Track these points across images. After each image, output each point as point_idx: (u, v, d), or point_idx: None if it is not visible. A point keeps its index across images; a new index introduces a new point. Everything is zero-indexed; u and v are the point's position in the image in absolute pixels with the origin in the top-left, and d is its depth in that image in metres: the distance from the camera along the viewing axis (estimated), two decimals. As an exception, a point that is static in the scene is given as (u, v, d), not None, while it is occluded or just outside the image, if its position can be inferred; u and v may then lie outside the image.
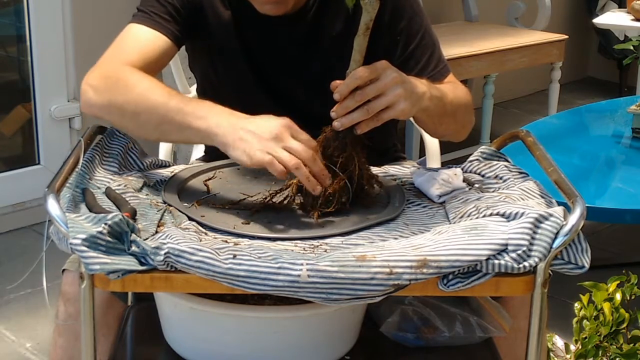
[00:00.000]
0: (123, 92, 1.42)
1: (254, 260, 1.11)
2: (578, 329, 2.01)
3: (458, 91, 1.59)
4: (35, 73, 3.23)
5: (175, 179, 1.42)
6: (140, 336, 1.42)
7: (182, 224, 1.24)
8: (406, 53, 1.63)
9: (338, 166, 1.32)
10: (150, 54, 1.54)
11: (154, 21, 1.57)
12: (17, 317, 2.64)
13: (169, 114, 1.36)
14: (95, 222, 1.12)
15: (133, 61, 1.50)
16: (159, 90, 1.40)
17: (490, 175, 1.44)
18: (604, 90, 5.21)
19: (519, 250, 1.13)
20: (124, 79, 1.44)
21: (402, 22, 1.62)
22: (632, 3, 3.90)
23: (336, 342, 1.30)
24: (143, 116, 1.39)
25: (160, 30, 1.56)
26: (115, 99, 1.43)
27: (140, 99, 1.40)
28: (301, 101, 1.63)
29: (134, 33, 1.58)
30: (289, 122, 1.30)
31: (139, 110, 1.40)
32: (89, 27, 3.29)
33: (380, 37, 1.53)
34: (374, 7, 1.29)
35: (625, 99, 3.57)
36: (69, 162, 1.31)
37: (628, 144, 2.89)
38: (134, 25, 1.59)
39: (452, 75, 1.67)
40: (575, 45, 4.90)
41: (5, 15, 3.55)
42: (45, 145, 3.31)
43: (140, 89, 1.41)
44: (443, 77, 1.64)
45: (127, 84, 1.43)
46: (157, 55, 1.55)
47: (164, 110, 1.36)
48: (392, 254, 1.13)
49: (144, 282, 1.13)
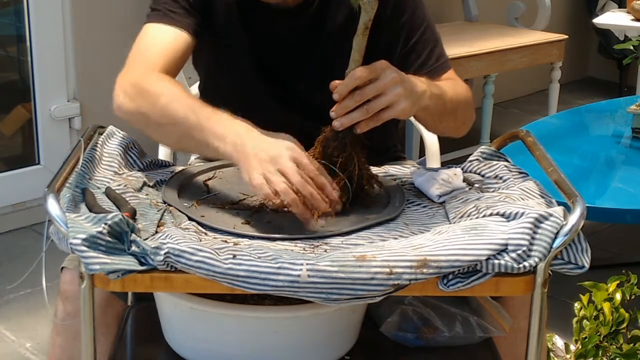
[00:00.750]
0: (148, 102, 1.43)
1: (253, 260, 1.11)
2: (578, 329, 2.01)
3: (458, 88, 1.59)
4: (35, 73, 3.23)
5: (175, 179, 1.42)
6: (140, 336, 1.42)
7: (182, 224, 1.24)
8: (407, 47, 1.63)
9: (338, 166, 1.32)
10: (173, 53, 1.56)
11: (171, 18, 1.57)
12: (17, 317, 2.64)
13: (189, 131, 1.36)
14: (95, 222, 1.12)
15: (157, 64, 1.51)
16: (182, 103, 1.39)
17: (490, 175, 1.44)
18: (604, 90, 5.21)
19: (519, 250, 1.13)
20: (148, 89, 1.44)
21: (404, 17, 1.63)
22: (632, 3, 3.89)
23: (336, 342, 1.30)
24: (165, 129, 1.41)
25: (178, 26, 1.57)
26: (140, 108, 1.44)
27: (162, 112, 1.40)
28: (302, 92, 1.63)
29: (154, 34, 1.58)
30: (292, 145, 1.29)
31: (162, 122, 1.40)
32: (89, 27, 3.29)
33: (382, 31, 1.53)
34: (373, 7, 1.29)
35: (625, 99, 3.57)
36: (69, 162, 1.31)
37: (628, 144, 2.89)
38: (151, 25, 1.59)
39: (452, 72, 1.67)
40: (575, 45, 4.90)
41: (5, 15, 3.55)
42: (45, 145, 3.30)
43: (163, 100, 1.41)
44: (443, 72, 1.64)
45: (152, 94, 1.43)
46: (180, 53, 1.57)
47: (185, 127, 1.36)
48: (392, 254, 1.13)
49: (144, 282, 1.13)
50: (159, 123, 1.41)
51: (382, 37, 1.55)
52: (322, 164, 1.32)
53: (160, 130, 1.42)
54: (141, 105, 1.43)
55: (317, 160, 1.33)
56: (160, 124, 1.40)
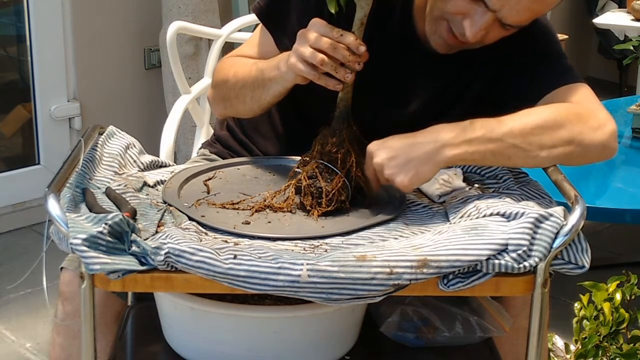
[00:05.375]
0: (221, 88, 1.58)
1: (254, 261, 1.11)
2: (578, 329, 2.01)
3: (543, 113, 1.36)
4: (35, 73, 3.23)
5: (175, 179, 1.42)
6: (140, 336, 1.42)
7: (182, 224, 1.24)
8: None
9: (337, 162, 1.32)
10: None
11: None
12: (17, 317, 2.64)
13: (255, 82, 1.48)
14: (96, 222, 1.12)
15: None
16: (242, 68, 1.53)
17: (490, 175, 1.44)
18: (604, 90, 5.20)
19: (519, 250, 1.13)
20: (216, 77, 1.60)
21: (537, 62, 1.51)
22: (632, 3, 3.89)
23: (336, 342, 1.30)
24: (242, 94, 1.52)
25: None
26: (219, 94, 1.59)
27: (232, 85, 1.54)
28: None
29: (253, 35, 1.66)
30: (315, 21, 1.34)
31: (237, 94, 1.53)
32: (89, 27, 3.29)
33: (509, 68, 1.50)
34: (368, 3, 1.30)
35: (625, 99, 3.57)
36: (69, 162, 1.31)
37: (628, 144, 2.89)
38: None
39: (571, 87, 1.46)
40: (575, 45, 4.90)
41: (5, 15, 3.55)
42: (45, 145, 3.31)
43: (230, 76, 1.54)
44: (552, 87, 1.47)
45: (220, 77, 1.58)
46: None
47: (251, 81, 1.49)
48: (392, 254, 1.13)
49: (144, 282, 1.13)
50: (236, 96, 1.53)
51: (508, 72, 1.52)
52: (322, 162, 1.32)
53: (240, 100, 1.53)
54: (219, 94, 1.59)
55: (315, 159, 1.33)
56: (237, 96, 1.53)
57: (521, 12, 1.38)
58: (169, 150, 2.11)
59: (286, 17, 1.52)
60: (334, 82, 1.33)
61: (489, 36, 1.43)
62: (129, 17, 3.41)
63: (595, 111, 1.39)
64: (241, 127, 1.70)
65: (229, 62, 1.60)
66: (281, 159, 1.55)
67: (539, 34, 1.50)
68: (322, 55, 1.30)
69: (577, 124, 1.34)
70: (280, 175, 1.47)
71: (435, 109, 1.53)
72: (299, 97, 1.49)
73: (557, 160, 1.35)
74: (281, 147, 1.63)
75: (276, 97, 1.46)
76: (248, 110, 1.54)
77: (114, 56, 3.41)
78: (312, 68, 1.32)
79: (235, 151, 1.70)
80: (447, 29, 1.44)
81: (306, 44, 1.32)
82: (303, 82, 1.37)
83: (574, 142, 1.33)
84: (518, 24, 1.40)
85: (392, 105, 1.55)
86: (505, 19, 1.38)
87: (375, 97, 1.52)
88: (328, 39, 1.30)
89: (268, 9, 1.56)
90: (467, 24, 1.39)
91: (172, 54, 2.20)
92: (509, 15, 1.37)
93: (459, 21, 1.41)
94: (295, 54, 1.34)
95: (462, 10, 1.39)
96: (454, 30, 1.43)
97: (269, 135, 1.66)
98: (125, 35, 3.42)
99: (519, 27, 1.42)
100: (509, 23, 1.39)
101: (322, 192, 1.30)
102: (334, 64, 1.31)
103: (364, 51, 1.31)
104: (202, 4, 3.27)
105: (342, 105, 1.35)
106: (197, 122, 2.32)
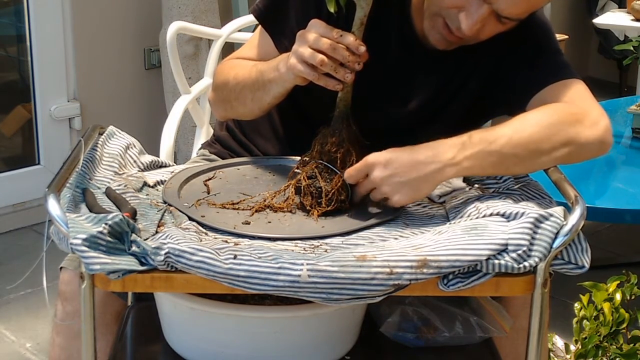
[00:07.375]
0: (222, 90, 1.58)
1: (254, 261, 1.11)
2: (578, 329, 2.01)
3: (541, 117, 1.35)
4: (35, 73, 3.23)
5: (175, 179, 1.42)
6: (140, 336, 1.42)
7: (182, 224, 1.24)
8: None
9: (336, 161, 1.32)
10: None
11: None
12: (17, 317, 2.64)
13: (255, 83, 1.48)
14: (96, 222, 1.12)
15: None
16: (242, 70, 1.53)
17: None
18: (604, 90, 5.20)
19: (519, 250, 1.13)
20: (217, 79, 1.60)
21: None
22: (632, 3, 3.89)
23: (336, 342, 1.30)
24: (242, 96, 1.52)
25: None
26: (220, 97, 1.59)
27: (233, 87, 1.54)
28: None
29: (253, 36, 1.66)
30: (313, 23, 1.34)
31: (237, 96, 1.53)
32: (89, 27, 3.29)
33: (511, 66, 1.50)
34: (368, 3, 1.30)
35: (625, 99, 3.57)
36: (69, 162, 1.31)
37: (628, 144, 2.89)
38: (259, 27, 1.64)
39: (564, 83, 1.45)
40: (575, 45, 4.90)
41: (5, 15, 3.55)
42: (45, 145, 3.31)
43: (230, 78, 1.55)
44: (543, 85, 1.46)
45: (220, 80, 1.58)
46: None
47: (251, 82, 1.49)
48: (392, 254, 1.13)
49: (144, 282, 1.13)
50: (237, 98, 1.54)
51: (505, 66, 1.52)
52: (321, 162, 1.33)
53: (240, 102, 1.53)
54: (220, 96, 1.59)
55: (315, 159, 1.33)
56: (237, 98, 1.54)
57: (517, 3, 1.38)
58: (169, 151, 2.11)
59: (285, 19, 1.52)
60: (333, 83, 1.33)
61: (486, 30, 1.43)
62: (129, 17, 3.41)
63: (589, 109, 1.39)
64: (241, 128, 1.70)
65: (229, 64, 1.60)
66: (281, 159, 1.55)
67: (536, 30, 1.51)
68: (322, 56, 1.30)
69: (573, 125, 1.34)
70: (280, 175, 1.47)
71: (434, 106, 1.54)
72: (299, 98, 1.49)
73: (557, 162, 1.35)
74: (281, 147, 1.63)
75: (276, 98, 1.46)
76: (249, 112, 1.54)
77: (114, 56, 3.41)
78: (312, 69, 1.32)
79: (235, 151, 1.70)
80: (444, 24, 1.44)
81: (305, 44, 1.32)
82: (303, 82, 1.37)
83: (571, 143, 1.33)
84: (514, 17, 1.40)
85: (392, 103, 1.55)
86: (501, 11, 1.38)
87: (375, 96, 1.52)
88: (327, 40, 1.30)
89: (267, 11, 1.56)
90: (463, 17, 1.39)
91: (172, 54, 2.20)
92: (505, 6, 1.37)
93: (455, 15, 1.41)
94: (295, 55, 1.34)
95: (458, 3, 1.40)
96: (450, 24, 1.43)
97: (268, 135, 1.66)
98: (125, 36, 3.42)
99: (515, 21, 1.42)
100: (505, 15, 1.39)
101: (322, 192, 1.30)
102: (334, 65, 1.31)
103: (363, 51, 1.31)
104: (202, 4, 3.27)
105: (342, 105, 1.35)
106: (197, 122, 2.32)
